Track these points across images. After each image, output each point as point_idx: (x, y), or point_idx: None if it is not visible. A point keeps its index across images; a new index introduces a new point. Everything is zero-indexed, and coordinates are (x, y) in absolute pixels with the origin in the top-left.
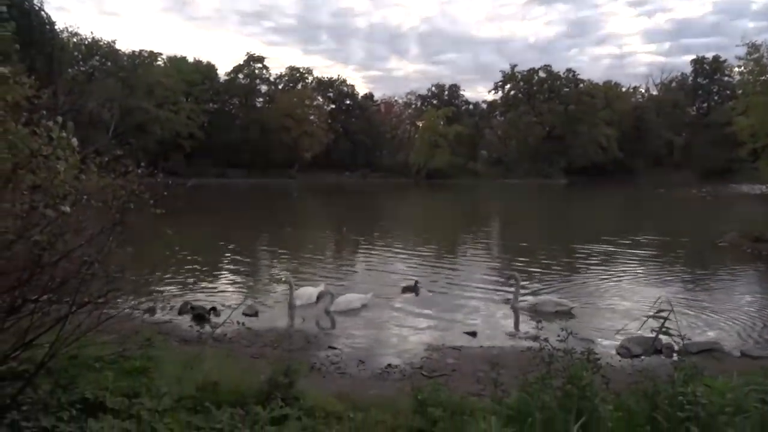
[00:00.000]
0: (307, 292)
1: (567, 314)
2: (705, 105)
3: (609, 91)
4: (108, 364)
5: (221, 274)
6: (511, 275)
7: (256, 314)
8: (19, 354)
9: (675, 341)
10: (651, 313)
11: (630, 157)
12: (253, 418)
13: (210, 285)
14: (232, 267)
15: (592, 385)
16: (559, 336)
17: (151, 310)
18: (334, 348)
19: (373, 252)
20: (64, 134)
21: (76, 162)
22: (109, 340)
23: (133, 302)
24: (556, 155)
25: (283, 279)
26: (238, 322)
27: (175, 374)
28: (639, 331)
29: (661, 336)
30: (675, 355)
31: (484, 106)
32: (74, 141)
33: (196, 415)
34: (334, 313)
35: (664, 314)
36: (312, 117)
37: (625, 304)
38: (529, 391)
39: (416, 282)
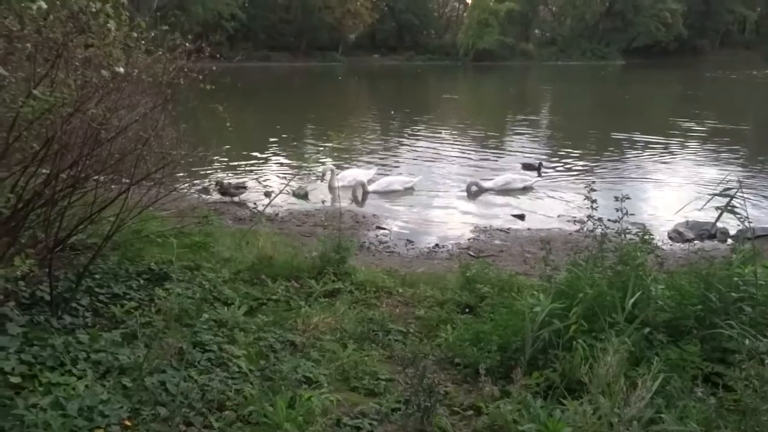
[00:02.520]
0: (352, 174)
1: (531, 189)
2: None
3: None
4: (169, 239)
5: (271, 155)
6: (470, 183)
7: (305, 196)
8: (86, 227)
9: (740, 221)
10: (710, 195)
11: (696, 35)
12: (307, 290)
13: (260, 166)
14: (281, 148)
15: (645, 265)
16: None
17: (206, 190)
18: (383, 228)
19: (419, 136)
20: None
21: (126, 20)
22: (168, 215)
23: (188, 180)
24: (614, 33)
25: (324, 167)
26: (292, 193)
27: (232, 249)
28: (700, 210)
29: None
30: (729, 239)
31: None
32: None
33: (253, 286)
34: (374, 194)
35: (730, 193)
36: None
37: (679, 190)
38: (579, 269)
39: (540, 163)
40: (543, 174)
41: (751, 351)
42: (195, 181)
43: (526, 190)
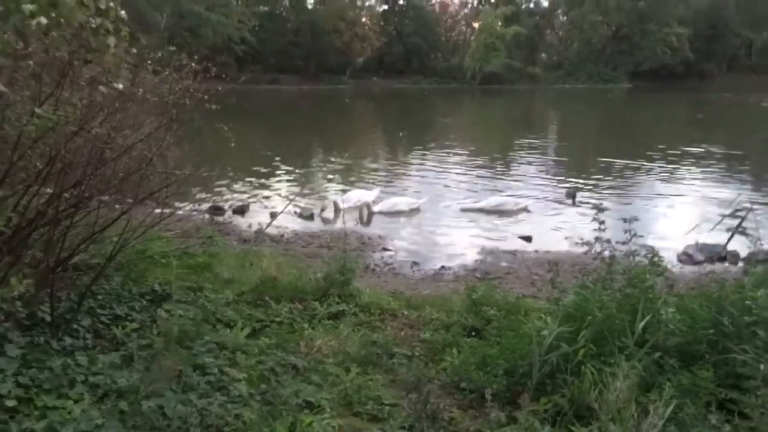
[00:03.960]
0: (356, 195)
1: (524, 211)
2: None
3: None
4: (173, 260)
5: (276, 176)
6: (461, 208)
7: (311, 217)
8: (88, 246)
9: (752, 242)
10: (721, 217)
11: (702, 58)
12: (311, 312)
13: (266, 186)
14: (286, 169)
15: (654, 287)
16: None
17: (211, 210)
18: (388, 250)
19: (425, 158)
20: (111, 4)
21: (126, 35)
22: (173, 236)
23: (193, 201)
24: (620, 57)
25: (325, 202)
26: (297, 214)
27: (236, 270)
28: (710, 232)
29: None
30: (740, 262)
31: (546, 4)
32: (122, 13)
33: (256, 308)
34: (380, 214)
35: (741, 214)
36: (364, 19)
37: (688, 212)
38: (587, 291)
39: (576, 190)
40: (576, 200)
41: (766, 377)
42: (199, 202)
43: (525, 212)
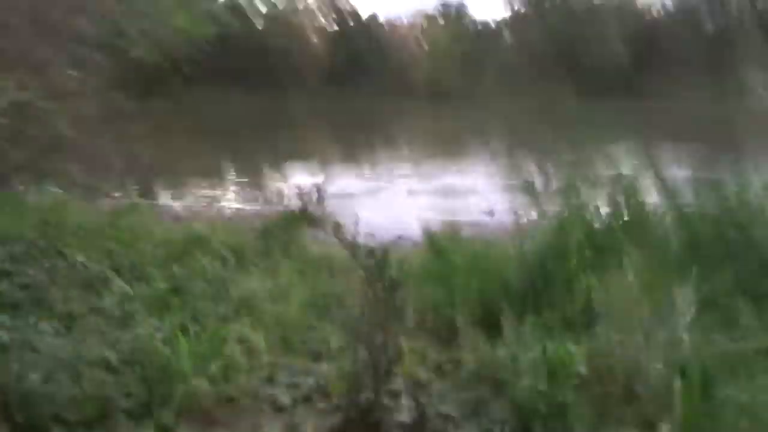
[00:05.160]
0: (304, 181)
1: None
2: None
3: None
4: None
5: (222, 172)
6: None
7: (255, 200)
8: None
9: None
10: None
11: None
12: (247, 267)
13: (210, 181)
14: (233, 167)
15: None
16: None
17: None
18: (340, 224)
19: (377, 157)
20: None
21: None
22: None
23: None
24: (564, 76)
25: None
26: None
27: (163, 237)
28: None
29: None
30: None
31: (493, 25)
32: None
33: (182, 265)
34: (330, 196)
35: None
36: (315, 40)
37: None
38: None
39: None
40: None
41: None
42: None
43: (475, 192)
